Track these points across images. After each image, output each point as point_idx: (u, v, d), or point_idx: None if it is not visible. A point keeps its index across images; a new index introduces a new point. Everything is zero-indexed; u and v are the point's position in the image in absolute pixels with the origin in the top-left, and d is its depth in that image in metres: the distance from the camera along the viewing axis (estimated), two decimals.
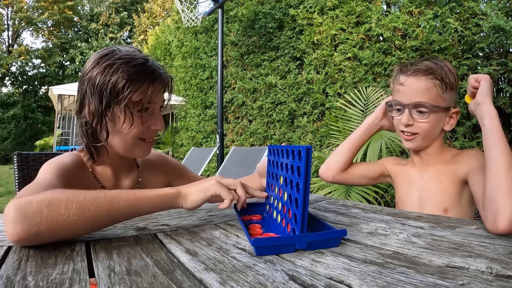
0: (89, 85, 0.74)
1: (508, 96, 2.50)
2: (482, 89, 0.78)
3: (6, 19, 19.34)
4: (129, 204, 0.56)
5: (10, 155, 15.05)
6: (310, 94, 3.93)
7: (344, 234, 0.51)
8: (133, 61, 0.74)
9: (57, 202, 0.49)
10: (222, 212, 0.78)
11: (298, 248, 0.48)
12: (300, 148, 0.50)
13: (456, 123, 0.93)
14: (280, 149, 0.62)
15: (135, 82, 0.73)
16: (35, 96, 19.38)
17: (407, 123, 0.90)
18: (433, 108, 0.87)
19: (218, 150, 3.98)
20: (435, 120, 0.89)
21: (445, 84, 0.87)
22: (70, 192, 0.52)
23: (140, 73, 0.74)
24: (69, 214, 0.49)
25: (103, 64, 0.73)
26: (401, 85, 0.91)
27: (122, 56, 0.74)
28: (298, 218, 0.49)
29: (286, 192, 0.57)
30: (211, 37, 5.94)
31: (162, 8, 16.87)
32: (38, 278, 0.38)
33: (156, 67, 0.78)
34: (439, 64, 0.89)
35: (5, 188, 6.40)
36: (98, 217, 0.52)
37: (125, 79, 0.72)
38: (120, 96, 0.72)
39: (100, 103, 0.73)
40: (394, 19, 3.02)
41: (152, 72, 0.76)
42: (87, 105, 0.75)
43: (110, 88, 0.72)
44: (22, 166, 1.02)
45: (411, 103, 0.88)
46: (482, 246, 0.49)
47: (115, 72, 0.72)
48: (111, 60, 0.73)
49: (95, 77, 0.73)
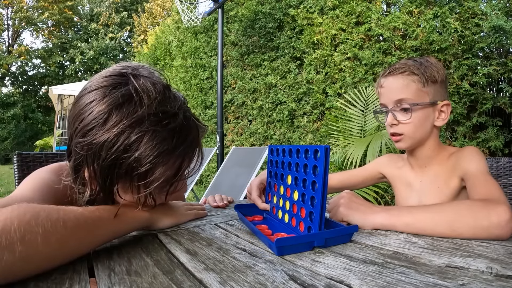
0: (91, 154, 0.48)
1: (508, 96, 2.50)
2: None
3: (6, 19, 19.34)
4: (110, 228, 0.49)
5: (10, 155, 15.05)
6: (310, 94, 3.93)
7: (356, 229, 0.54)
8: (164, 128, 0.49)
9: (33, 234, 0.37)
10: (222, 212, 0.78)
11: (316, 245, 0.49)
12: (318, 148, 0.51)
13: (448, 117, 0.88)
14: (287, 149, 0.62)
15: (166, 164, 0.51)
16: (35, 96, 19.38)
17: (391, 122, 0.88)
18: (414, 106, 0.85)
19: (218, 150, 3.98)
20: (421, 117, 0.86)
21: (425, 78, 0.85)
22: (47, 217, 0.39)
23: (175, 149, 0.51)
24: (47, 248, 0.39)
25: (115, 126, 0.47)
26: (382, 87, 0.92)
27: (146, 115, 0.48)
28: (316, 216, 0.50)
29: (297, 191, 0.57)
30: (211, 37, 5.94)
31: (162, 8, 16.86)
32: (38, 278, 0.38)
33: (194, 127, 0.55)
34: (418, 60, 0.88)
35: (5, 188, 6.40)
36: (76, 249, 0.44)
37: (150, 163, 0.48)
38: (140, 182, 0.50)
39: (105, 181, 0.50)
40: (394, 19, 3.02)
41: (191, 143, 0.54)
42: (86, 172, 0.52)
43: (126, 168, 0.48)
44: (22, 166, 1.02)
45: (393, 101, 0.88)
46: (482, 246, 0.49)
47: (135, 145, 0.47)
48: (129, 123, 0.47)
49: (102, 145, 0.47)
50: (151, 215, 0.58)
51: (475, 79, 2.53)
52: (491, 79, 2.56)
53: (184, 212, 0.69)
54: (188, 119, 0.54)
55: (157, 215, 0.60)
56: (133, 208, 0.54)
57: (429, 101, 0.86)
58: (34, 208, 0.39)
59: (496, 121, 2.54)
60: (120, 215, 0.50)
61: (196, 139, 0.56)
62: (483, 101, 2.53)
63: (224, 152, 4.26)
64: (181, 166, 0.54)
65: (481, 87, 2.56)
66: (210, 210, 0.82)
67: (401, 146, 0.91)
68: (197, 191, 5.39)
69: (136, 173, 0.49)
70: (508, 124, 2.59)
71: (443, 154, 0.92)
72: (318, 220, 0.50)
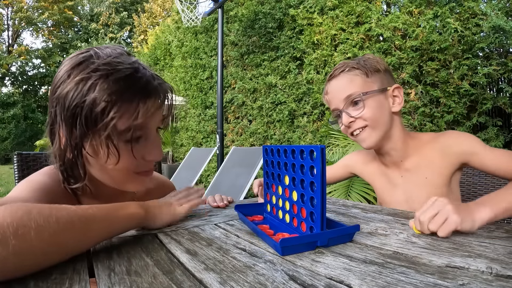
0: (59, 107, 0.56)
1: (508, 96, 2.50)
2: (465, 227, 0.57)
3: (6, 19, 19.34)
4: (102, 230, 0.49)
5: (10, 155, 15.05)
6: (310, 94, 3.93)
7: (357, 229, 0.54)
8: (116, 73, 0.55)
9: (26, 228, 0.38)
10: (222, 212, 0.78)
11: (319, 245, 0.49)
12: (313, 148, 0.51)
13: (403, 100, 0.87)
14: (282, 149, 0.62)
15: (118, 104, 0.54)
16: (35, 96, 19.38)
17: (348, 121, 0.86)
18: (364, 95, 0.83)
19: (218, 150, 3.98)
20: (375, 105, 0.84)
21: (367, 69, 0.85)
22: (39, 213, 0.40)
23: (125, 91, 0.55)
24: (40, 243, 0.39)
25: (75, 77, 0.55)
26: (328, 94, 0.91)
27: (101, 66, 0.55)
28: (317, 216, 0.50)
29: (296, 191, 0.57)
30: (211, 37, 5.94)
31: (162, 8, 16.87)
32: (38, 278, 0.38)
33: (149, 78, 0.59)
34: (356, 58, 0.89)
35: (5, 188, 6.40)
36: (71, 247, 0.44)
37: (105, 101, 0.53)
38: (99, 124, 0.54)
39: (73, 133, 0.55)
40: (394, 19, 3.02)
41: (144, 87, 0.57)
42: (59, 134, 0.58)
43: (86, 113, 0.53)
44: (22, 166, 1.02)
45: (342, 100, 0.86)
46: (482, 246, 0.49)
47: (92, 90, 0.53)
48: (86, 72, 0.54)
49: (66, 95, 0.54)
50: (146, 214, 0.58)
51: (475, 79, 2.53)
52: (491, 79, 2.56)
53: (178, 208, 0.68)
54: (144, 69, 0.60)
55: (151, 213, 0.61)
56: (128, 207, 0.55)
57: (377, 88, 0.85)
58: (26, 206, 0.41)
59: (496, 121, 2.55)
60: (113, 213, 0.51)
61: (150, 88, 0.59)
62: (483, 101, 2.53)
63: (224, 152, 4.26)
64: (135, 111, 0.56)
65: (481, 87, 2.56)
66: (210, 210, 0.82)
67: (368, 143, 0.87)
68: None
69: (94, 116, 0.54)
70: (508, 124, 2.59)
71: (415, 144, 0.89)
72: (319, 220, 0.50)
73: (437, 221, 0.55)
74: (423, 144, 0.88)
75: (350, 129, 0.87)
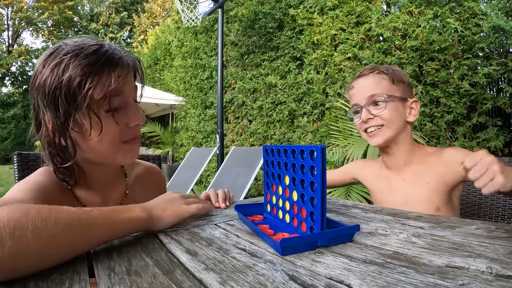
0: (40, 96, 0.60)
1: (508, 96, 2.50)
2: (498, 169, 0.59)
3: (6, 19, 19.35)
4: (103, 233, 0.48)
5: (10, 155, 15.06)
6: (310, 94, 3.93)
7: (358, 229, 0.53)
8: (84, 50, 0.60)
9: (23, 230, 0.38)
10: (222, 212, 0.78)
11: (319, 245, 0.49)
12: (314, 148, 0.51)
13: (418, 113, 0.94)
14: (283, 149, 0.62)
15: (91, 76, 0.59)
16: None
17: (367, 117, 0.92)
18: (388, 98, 0.90)
19: (218, 150, 3.98)
20: (394, 109, 0.91)
21: (393, 77, 0.92)
22: (38, 214, 0.40)
23: (95, 63, 0.60)
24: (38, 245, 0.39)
25: (49, 65, 0.60)
26: (353, 89, 0.97)
27: (70, 49, 0.61)
28: (318, 216, 0.50)
29: (296, 191, 0.57)
30: (211, 37, 5.94)
31: (162, 8, 16.87)
32: (38, 278, 0.38)
33: (115, 51, 0.65)
34: (385, 66, 0.96)
35: (5, 188, 6.40)
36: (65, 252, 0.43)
37: (79, 75, 0.58)
38: (78, 98, 0.59)
39: (57, 114, 0.59)
40: (394, 19, 3.02)
41: (110, 58, 0.62)
42: (44, 121, 0.62)
43: (65, 92, 0.58)
44: (22, 166, 1.02)
45: (366, 98, 0.92)
46: (482, 246, 0.49)
47: (66, 70, 0.59)
48: (59, 57, 0.60)
49: (44, 83, 0.59)
50: (149, 218, 0.56)
51: (475, 79, 2.53)
52: (491, 79, 2.56)
53: (184, 206, 0.63)
54: (109, 45, 0.65)
55: (155, 217, 0.58)
56: (130, 211, 0.54)
57: (399, 96, 0.92)
58: (25, 207, 0.41)
59: (496, 121, 2.55)
60: (115, 216, 0.50)
61: (117, 58, 0.64)
62: (483, 101, 2.53)
63: (224, 152, 4.26)
64: (107, 79, 0.61)
65: (481, 87, 2.56)
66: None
67: (377, 141, 0.92)
68: (197, 191, 5.39)
69: (72, 92, 0.59)
70: (508, 124, 2.59)
71: (421, 153, 0.95)
72: (319, 220, 0.50)
73: (484, 180, 0.57)
74: (428, 154, 0.94)
75: (366, 125, 0.93)
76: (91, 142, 0.63)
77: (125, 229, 0.52)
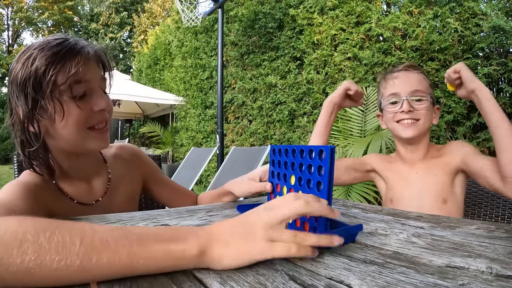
0: (13, 88, 0.66)
1: (508, 96, 2.50)
2: (467, 76, 0.87)
3: (6, 19, 19.35)
4: (117, 263, 0.35)
5: (10, 155, 15.04)
6: (310, 94, 3.93)
7: (360, 229, 0.54)
8: (50, 43, 0.66)
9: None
10: (222, 212, 0.78)
11: None
12: (323, 148, 0.51)
13: (438, 120, 1.05)
14: (291, 149, 0.62)
15: (54, 64, 0.64)
16: None
17: (408, 109, 0.97)
18: (430, 95, 0.99)
19: (218, 150, 3.98)
20: (429, 109, 1.00)
21: (430, 83, 1.02)
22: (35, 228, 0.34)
23: (58, 52, 0.65)
24: None
25: (21, 59, 0.66)
26: (396, 78, 1.02)
27: (39, 45, 0.67)
28: (322, 217, 0.50)
29: (302, 191, 0.57)
30: (211, 37, 5.94)
31: (162, 8, 16.87)
32: None
33: (78, 42, 0.70)
34: None
35: None
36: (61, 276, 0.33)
37: (44, 65, 0.64)
38: (43, 85, 0.64)
39: (26, 102, 0.65)
40: (394, 19, 3.02)
41: (72, 48, 0.67)
42: (16, 111, 0.66)
43: (33, 81, 0.64)
44: (22, 166, 1.01)
45: (410, 91, 0.98)
46: (482, 246, 0.49)
47: (34, 62, 0.64)
48: (29, 52, 0.66)
49: (17, 76, 0.65)
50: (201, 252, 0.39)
51: None
52: (491, 79, 2.56)
53: (266, 244, 0.40)
54: (73, 39, 0.70)
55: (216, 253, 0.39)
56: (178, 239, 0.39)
57: (434, 100, 1.02)
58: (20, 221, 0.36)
59: None
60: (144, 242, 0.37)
61: (79, 47, 0.68)
62: None
63: (224, 152, 4.26)
64: (68, 65, 0.65)
65: None
66: (210, 210, 0.82)
67: (410, 133, 0.99)
68: (197, 191, 5.39)
69: (39, 80, 0.63)
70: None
71: (433, 149, 1.04)
72: (323, 221, 0.50)
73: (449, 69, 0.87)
74: (438, 149, 1.04)
75: (405, 115, 0.99)
76: (58, 128, 0.67)
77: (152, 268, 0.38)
